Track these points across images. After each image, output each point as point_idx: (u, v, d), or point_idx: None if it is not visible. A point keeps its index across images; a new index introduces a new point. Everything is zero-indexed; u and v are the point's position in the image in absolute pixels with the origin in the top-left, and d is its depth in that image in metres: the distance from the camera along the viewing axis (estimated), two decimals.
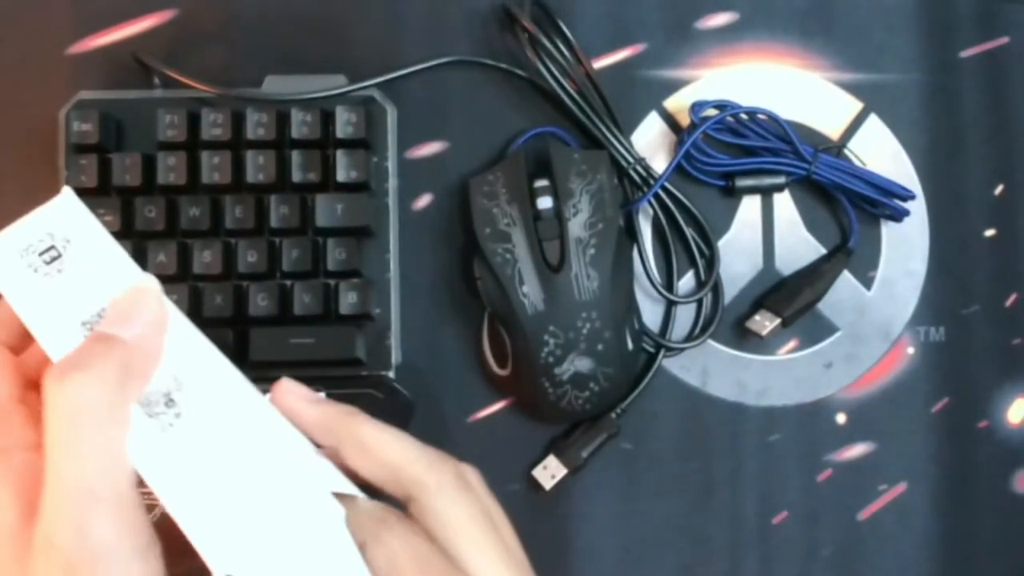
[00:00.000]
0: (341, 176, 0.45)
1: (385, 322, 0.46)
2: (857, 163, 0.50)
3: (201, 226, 0.45)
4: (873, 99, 0.50)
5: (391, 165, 0.47)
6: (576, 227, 0.45)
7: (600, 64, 0.50)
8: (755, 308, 0.49)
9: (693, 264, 0.49)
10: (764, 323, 0.48)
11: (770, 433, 0.49)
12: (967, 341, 0.50)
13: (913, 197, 0.49)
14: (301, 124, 0.45)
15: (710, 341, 0.49)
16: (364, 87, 0.47)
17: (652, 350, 0.49)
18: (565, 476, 0.47)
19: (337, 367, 0.45)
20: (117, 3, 0.49)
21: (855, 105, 0.51)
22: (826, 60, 0.51)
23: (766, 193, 0.50)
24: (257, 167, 0.45)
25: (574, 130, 0.49)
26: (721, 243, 0.49)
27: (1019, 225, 0.50)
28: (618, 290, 0.45)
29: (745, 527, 0.48)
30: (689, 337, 0.49)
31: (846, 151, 0.50)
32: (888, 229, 0.50)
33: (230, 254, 0.45)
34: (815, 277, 0.49)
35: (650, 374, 0.48)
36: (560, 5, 0.49)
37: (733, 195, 0.50)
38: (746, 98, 0.49)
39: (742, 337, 0.49)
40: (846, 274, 0.49)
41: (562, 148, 0.47)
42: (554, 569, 0.48)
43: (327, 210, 0.45)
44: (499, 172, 0.46)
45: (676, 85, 0.50)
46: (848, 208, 0.49)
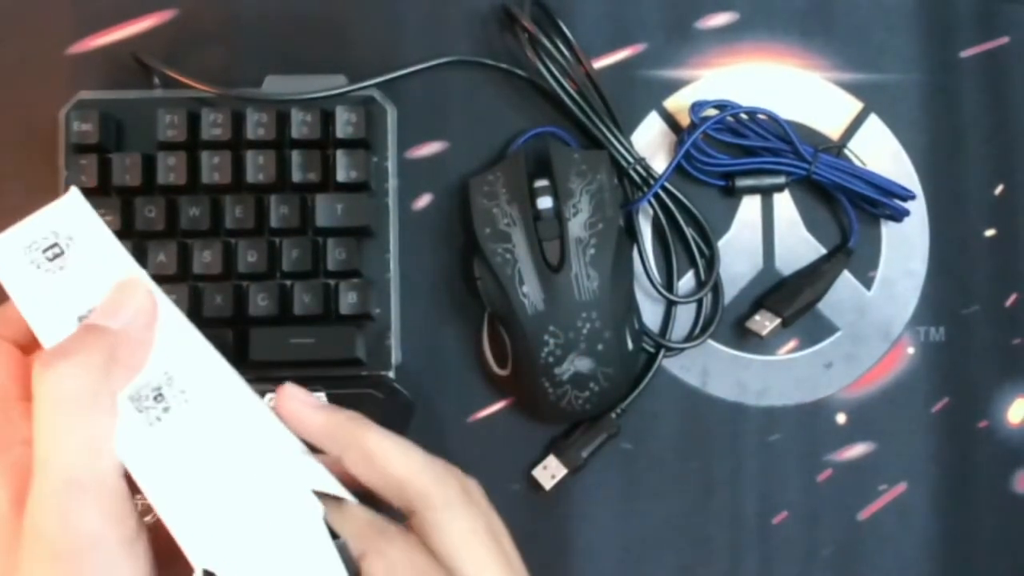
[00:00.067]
0: (341, 176, 0.45)
1: (385, 322, 0.46)
2: (857, 163, 0.50)
3: (201, 226, 0.45)
4: (873, 99, 0.50)
5: (391, 165, 0.47)
6: (576, 227, 0.45)
7: (600, 64, 0.50)
8: (755, 308, 0.49)
9: (693, 264, 0.49)
10: (764, 323, 0.48)
11: (770, 433, 0.49)
12: (967, 341, 0.50)
13: (913, 197, 0.49)
14: (301, 124, 0.45)
15: (710, 341, 0.49)
16: (364, 87, 0.47)
17: (652, 350, 0.49)
18: (565, 476, 0.47)
19: (337, 367, 0.45)
20: (117, 3, 0.49)
21: (855, 105, 0.51)
22: (826, 60, 0.51)
23: (766, 193, 0.50)
24: (257, 167, 0.45)
25: (574, 130, 0.49)
26: (721, 243, 0.49)
27: (1019, 225, 0.50)
28: (618, 290, 0.45)
29: (745, 527, 0.48)
30: (689, 337, 0.49)
31: (846, 151, 0.50)
32: (888, 229, 0.50)
33: (230, 254, 0.45)
34: (815, 277, 0.49)
35: (650, 374, 0.48)
36: (560, 5, 0.49)
37: (733, 195, 0.50)
38: (746, 98, 0.49)
39: (742, 337, 0.49)
40: (846, 274, 0.49)
41: (562, 148, 0.47)
42: (554, 569, 0.48)
43: (327, 210, 0.45)
44: (499, 172, 0.46)
45: (676, 85, 0.50)
46: (848, 208, 0.49)
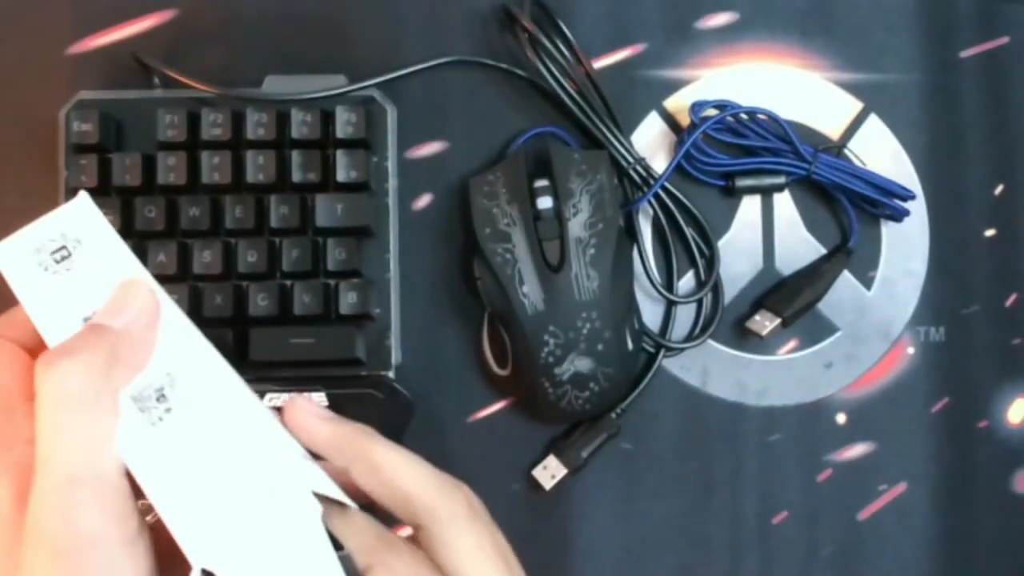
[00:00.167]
0: (341, 176, 0.45)
1: (385, 322, 0.46)
2: (857, 163, 0.50)
3: (201, 226, 0.45)
4: (873, 99, 0.50)
5: (391, 165, 0.47)
6: (576, 227, 0.45)
7: (600, 64, 0.50)
8: (755, 308, 0.49)
9: (693, 264, 0.49)
10: (764, 323, 0.48)
11: (770, 433, 0.49)
12: (967, 341, 0.50)
13: (913, 197, 0.49)
14: (301, 124, 0.45)
15: (710, 341, 0.49)
16: (364, 87, 0.47)
17: (652, 350, 0.49)
18: (565, 476, 0.47)
19: (337, 367, 0.45)
20: (117, 3, 0.49)
21: (855, 105, 0.51)
22: (826, 60, 0.51)
23: (766, 193, 0.50)
24: (257, 167, 0.45)
25: (574, 130, 0.49)
26: (721, 243, 0.49)
27: (1019, 225, 0.50)
28: (618, 290, 0.45)
29: (745, 527, 0.48)
30: (689, 337, 0.49)
31: (846, 151, 0.50)
32: (888, 229, 0.50)
33: (230, 254, 0.45)
34: (815, 277, 0.49)
35: (650, 374, 0.48)
36: (560, 5, 0.49)
37: (733, 195, 0.50)
38: (746, 98, 0.49)
39: (742, 337, 0.49)
40: (846, 274, 0.49)
41: (562, 148, 0.47)
42: (554, 569, 0.48)
43: (327, 210, 0.45)
44: (499, 172, 0.46)
45: (676, 85, 0.50)
46: (848, 208, 0.49)
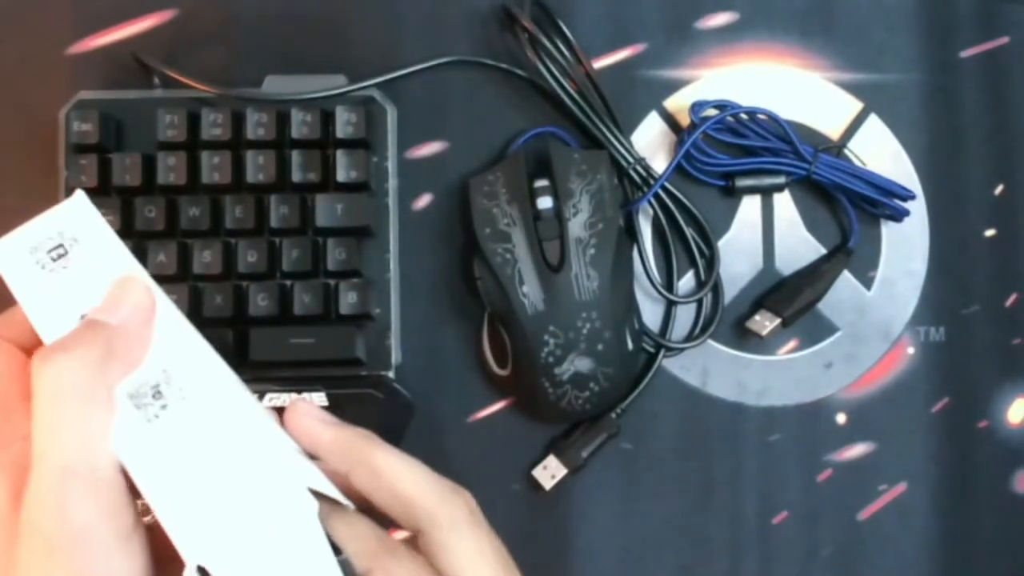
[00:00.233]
0: (341, 176, 0.45)
1: (385, 322, 0.46)
2: (857, 163, 0.50)
3: (201, 226, 0.45)
4: (873, 99, 0.50)
5: (391, 165, 0.47)
6: (576, 227, 0.45)
7: (600, 64, 0.50)
8: (755, 308, 0.49)
9: (693, 264, 0.49)
10: (764, 323, 0.48)
11: (770, 433, 0.49)
12: (967, 341, 0.50)
13: (913, 197, 0.49)
14: (301, 124, 0.45)
15: (710, 341, 0.49)
16: (364, 87, 0.47)
17: (652, 350, 0.49)
18: (565, 476, 0.47)
19: (337, 367, 0.45)
20: (117, 3, 0.49)
21: (855, 105, 0.51)
22: (826, 60, 0.51)
23: (766, 193, 0.50)
24: (257, 167, 0.45)
25: (574, 130, 0.49)
26: (721, 243, 0.49)
27: (1019, 225, 0.50)
28: (618, 290, 0.45)
29: (745, 527, 0.48)
30: (689, 337, 0.49)
31: (846, 151, 0.50)
32: (888, 229, 0.50)
33: (230, 254, 0.45)
34: (815, 277, 0.49)
35: (650, 374, 0.48)
36: (560, 5, 0.49)
37: (733, 195, 0.50)
38: (746, 98, 0.49)
39: (742, 337, 0.49)
40: (846, 274, 0.49)
41: (562, 148, 0.47)
42: (554, 569, 0.48)
43: (327, 210, 0.45)
44: (499, 172, 0.46)
45: (676, 85, 0.50)
46: (848, 208, 0.49)
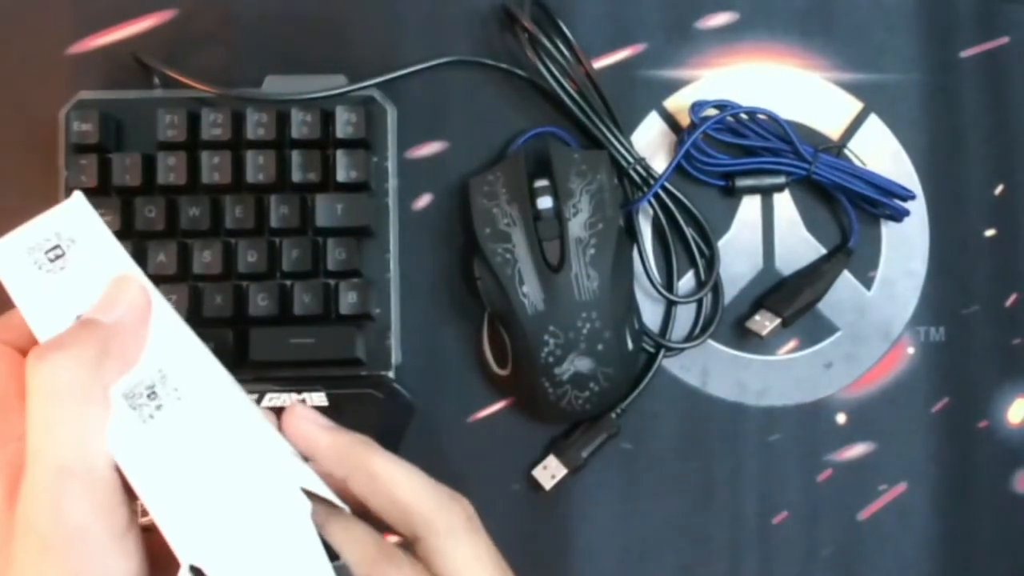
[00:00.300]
0: (341, 176, 0.45)
1: (385, 322, 0.46)
2: (857, 163, 0.50)
3: (201, 226, 0.45)
4: (873, 99, 0.50)
5: (391, 165, 0.47)
6: (576, 227, 0.45)
7: (600, 64, 0.50)
8: (755, 308, 0.49)
9: (693, 264, 0.49)
10: (764, 323, 0.48)
11: (770, 433, 0.49)
12: (967, 341, 0.50)
13: (913, 197, 0.49)
14: (301, 124, 0.45)
15: (710, 341, 0.49)
16: (364, 87, 0.47)
17: (652, 350, 0.49)
18: (565, 476, 0.47)
19: (337, 367, 0.45)
20: (117, 3, 0.49)
21: (855, 105, 0.51)
22: (826, 60, 0.51)
23: (766, 193, 0.50)
24: (257, 167, 0.45)
25: (574, 130, 0.49)
26: (721, 243, 0.49)
27: (1019, 225, 0.50)
28: (618, 290, 0.45)
29: (745, 527, 0.48)
30: (689, 337, 0.49)
31: (846, 151, 0.50)
32: (888, 229, 0.50)
33: (230, 254, 0.45)
34: (815, 277, 0.49)
35: (650, 374, 0.48)
36: (560, 5, 0.49)
37: (733, 195, 0.50)
38: (746, 98, 0.49)
39: (742, 337, 0.49)
40: (846, 274, 0.49)
41: (562, 148, 0.47)
42: (554, 569, 0.48)
43: (327, 210, 0.45)
44: (499, 172, 0.46)
45: (676, 85, 0.50)
46: (848, 208, 0.49)
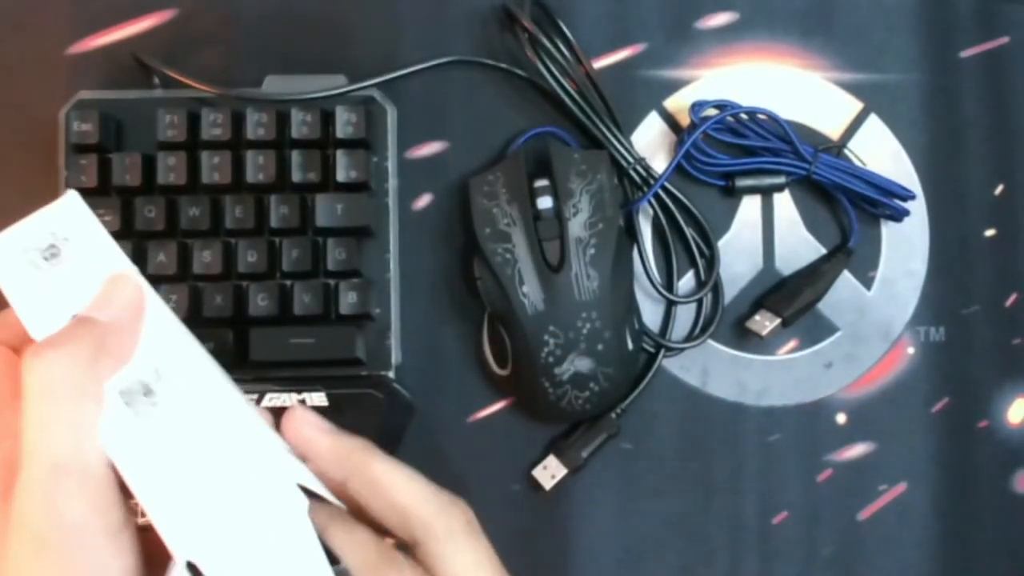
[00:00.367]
0: (341, 176, 0.45)
1: (385, 322, 0.46)
2: (857, 163, 0.50)
3: (201, 226, 0.45)
4: (873, 99, 0.50)
5: (391, 165, 0.47)
6: (576, 227, 0.45)
7: (600, 64, 0.50)
8: (755, 308, 0.49)
9: (693, 264, 0.49)
10: (764, 323, 0.48)
11: (770, 433, 0.49)
12: (967, 341, 0.50)
13: (913, 197, 0.49)
14: (301, 124, 0.45)
15: (710, 341, 0.49)
16: (364, 87, 0.47)
17: (652, 350, 0.49)
18: (565, 476, 0.47)
19: (337, 367, 0.45)
20: (117, 3, 0.49)
21: (855, 105, 0.51)
22: (826, 60, 0.51)
23: (766, 193, 0.50)
24: (257, 167, 0.45)
25: (574, 130, 0.49)
26: (721, 243, 0.49)
27: (1019, 225, 0.50)
28: (618, 290, 0.45)
29: (745, 527, 0.48)
30: (689, 337, 0.49)
31: (846, 151, 0.50)
32: (888, 229, 0.50)
33: (230, 254, 0.45)
34: (815, 277, 0.49)
35: (650, 374, 0.48)
36: (560, 5, 0.49)
37: (733, 195, 0.50)
38: (746, 98, 0.49)
39: (742, 337, 0.49)
40: (846, 274, 0.49)
41: (562, 148, 0.47)
42: (554, 569, 0.48)
43: (327, 210, 0.45)
44: (499, 172, 0.46)
45: (676, 85, 0.50)
46: (848, 208, 0.49)
